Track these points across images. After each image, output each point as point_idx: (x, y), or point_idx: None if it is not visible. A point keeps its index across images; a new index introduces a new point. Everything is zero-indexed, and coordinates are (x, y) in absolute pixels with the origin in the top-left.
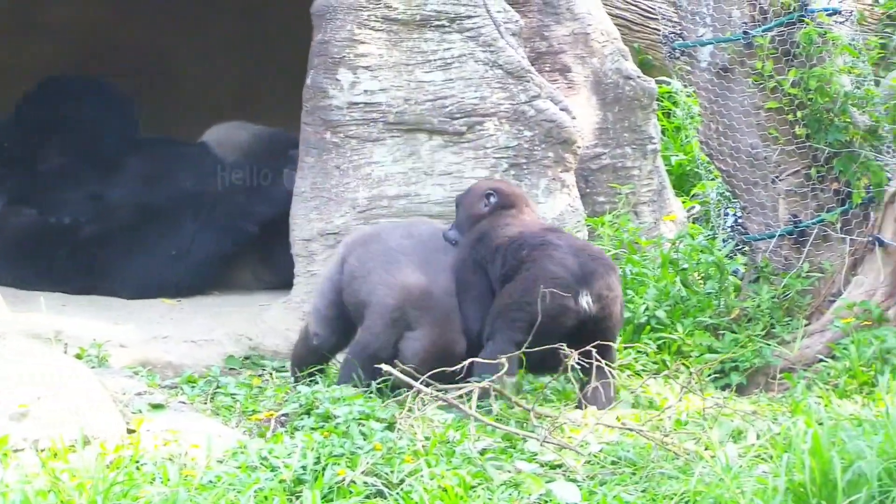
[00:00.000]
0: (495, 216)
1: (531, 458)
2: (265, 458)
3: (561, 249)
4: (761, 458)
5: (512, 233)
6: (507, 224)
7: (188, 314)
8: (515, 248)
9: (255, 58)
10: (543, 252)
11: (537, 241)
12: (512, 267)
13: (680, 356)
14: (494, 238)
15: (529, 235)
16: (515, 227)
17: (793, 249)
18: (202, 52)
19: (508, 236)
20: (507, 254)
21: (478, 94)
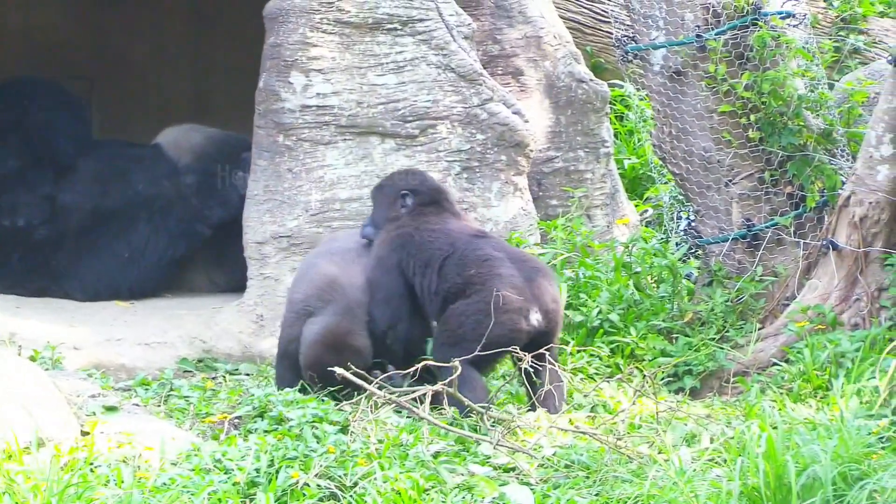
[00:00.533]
0: (415, 217)
1: (485, 461)
2: (219, 460)
3: (505, 266)
4: (715, 462)
5: (442, 244)
6: (433, 230)
7: (142, 317)
8: (457, 265)
9: (208, 60)
10: (490, 271)
11: (479, 257)
12: (456, 286)
13: (633, 360)
14: (422, 247)
15: (466, 248)
16: (443, 234)
17: (746, 253)
18: (155, 55)
19: (440, 249)
20: (447, 270)
21: (430, 97)
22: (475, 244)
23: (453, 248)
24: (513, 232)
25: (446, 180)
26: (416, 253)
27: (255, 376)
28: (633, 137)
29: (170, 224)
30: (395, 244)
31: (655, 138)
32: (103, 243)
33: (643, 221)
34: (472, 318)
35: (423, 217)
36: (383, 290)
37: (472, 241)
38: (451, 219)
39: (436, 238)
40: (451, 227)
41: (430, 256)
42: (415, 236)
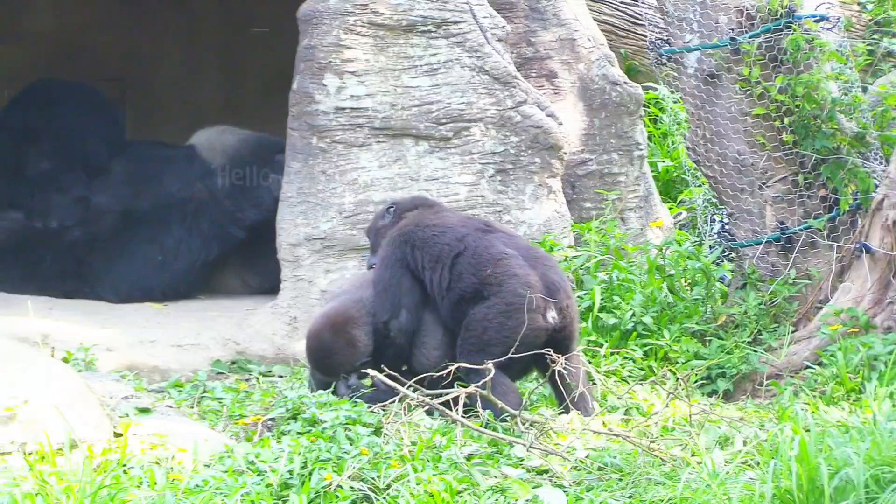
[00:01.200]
0: (410, 217)
1: (518, 463)
2: (252, 462)
3: (520, 263)
4: (748, 465)
5: (450, 239)
6: (435, 224)
7: (175, 318)
8: (471, 264)
9: (240, 62)
10: (507, 271)
11: (494, 256)
12: (472, 286)
13: (667, 362)
14: (428, 242)
15: (478, 245)
16: (447, 228)
17: (780, 256)
18: (187, 56)
19: (448, 244)
20: (460, 268)
21: (464, 99)
22: (487, 241)
23: (464, 245)
24: (547, 234)
25: (480, 183)
26: (422, 247)
27: (288, 378)
28: (667, 140)
29: (203, 226)
30: (397, 241)
31: (689, 141)
32: (135, 246)
33: (677, 224)
34: (494, 323)
35: (419, 215)
36: (382, 283)
37: (482, 238)
38: (446, 213)
39: (441, 232)
40: (452, 221)
41: (439, 252)
42: (417, 232)
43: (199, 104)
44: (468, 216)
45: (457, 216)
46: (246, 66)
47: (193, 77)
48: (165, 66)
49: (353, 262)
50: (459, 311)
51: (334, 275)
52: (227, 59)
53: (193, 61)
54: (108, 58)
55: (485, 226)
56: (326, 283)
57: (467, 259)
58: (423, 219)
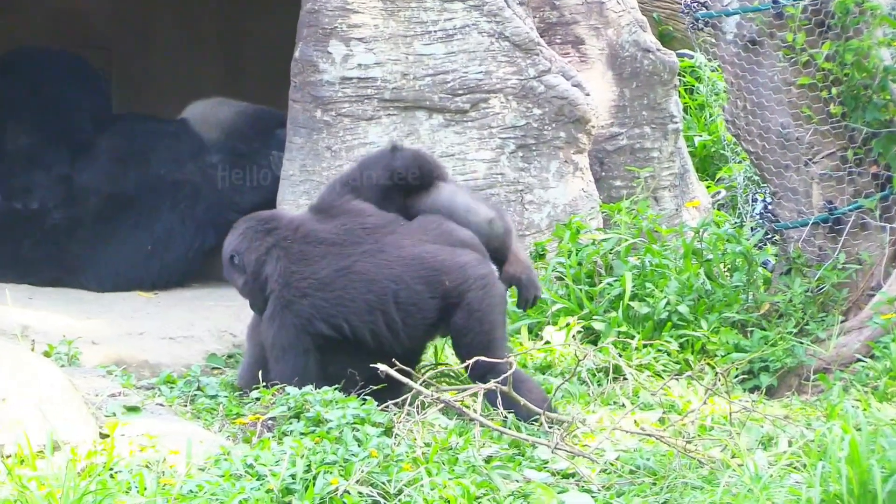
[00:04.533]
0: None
1: (541, 466)
2: (251, 465)
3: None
4: (793, 468)
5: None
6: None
7: (166, 308)
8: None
9: (238, 28)
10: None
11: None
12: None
13: (704, 355)
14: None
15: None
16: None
17: (828, 239)
18: (180, 22)
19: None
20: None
21: (482, 68)
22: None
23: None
24: (573, 216)
25: (499, 159)
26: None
27: None
28: (704, 112)
29: (197, 212)
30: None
31: (728, 113)
32: (123, 232)
33: (715, 204)
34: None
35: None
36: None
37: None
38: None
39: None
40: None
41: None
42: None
43: (194, 74)
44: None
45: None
46: (246, 33)
47: (188, 44)
48: (157, 32)
49: None
50: (428, 336)
51: None
52: (225, 24)
53: (188, 27)
54: (95, 23)
55: (365, 227)
56: None
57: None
58: (288, 267)
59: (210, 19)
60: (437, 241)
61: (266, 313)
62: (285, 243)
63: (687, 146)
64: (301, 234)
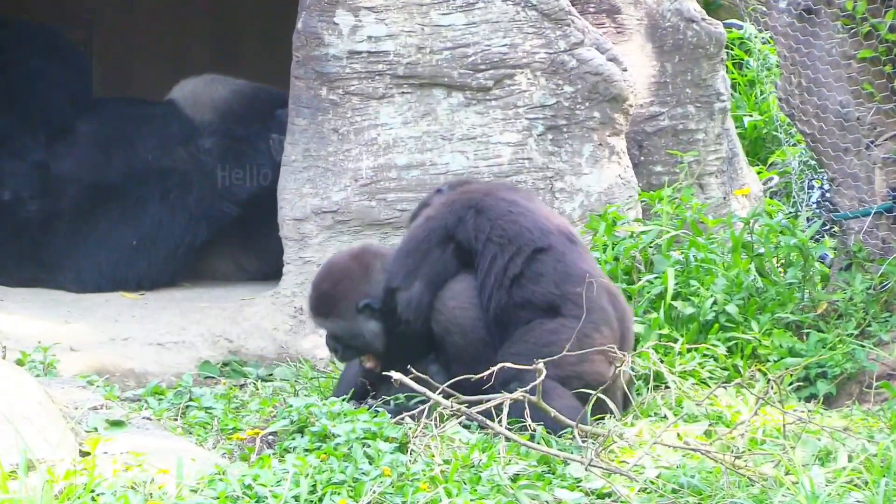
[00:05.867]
0: (472, 188)
1: (574, 485)
2: (249, 486)
3: (605, 298)
4: (854, 485)
5: (533, 228)
6: (510, 200)
7: (154, 311)
8: (557, 271)
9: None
10: (594, 302)
11: (581, 275)
12: (550, 295)
13: (755, 360)
14: (503, 217)
15: (567, 253)
16: (529, 213)
17: (892, 230)
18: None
19: (531, 231)
20: (541, 269)
21: (507, 40)
22: (574, 253)
23: (549, 243)
24: (609, 205)
25: (527, 142)
26: (492, 216)
27: (293, 382)
28: (755, 89)
29: (188, 203)
30: (454, 204)
31: (781, 90)
32: (106, 226)
33: (767, 192)
34: (561, 343)
35: (486, 187)
36: (407, 246)
37: (569, 247)
38: (516, 195)
39: (521, 213)
40: (531, 207)
41: (517, 232)
42: (487, 199)
43: (183, 51)
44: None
45: (528, 202)
46: (241, 2)
47: (177, 16)
48: (142, 3)
49: (371, 240)
50: (515, 313)
51: None
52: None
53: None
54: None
55: (568, 234)
56: None
57: (552, 263)
58: (493, 190)
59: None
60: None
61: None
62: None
63: (735, 127)
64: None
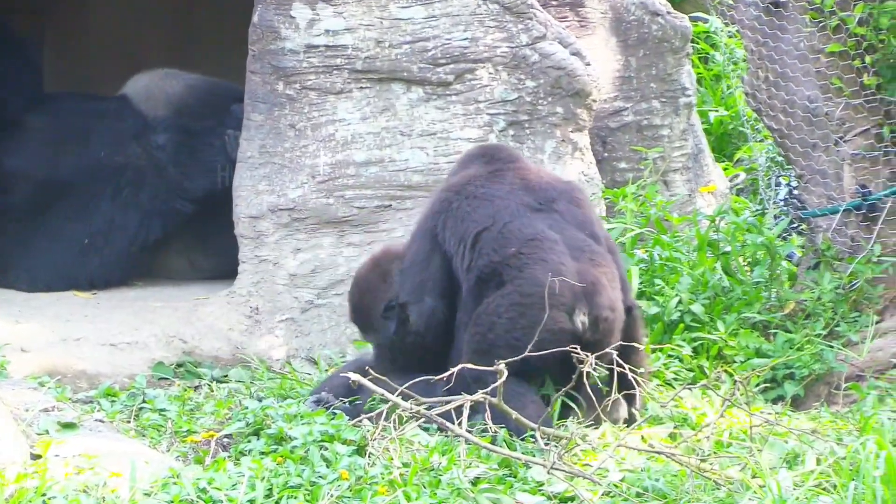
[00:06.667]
0: (466, 173)
1: (536, 488)
2: (204, 489)
3: (556, 248)
4: (822, 488)
5: (481, 216)
6: (479, 192)
7: (106, 310)
8: (496, 240)
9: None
10: (534, 253)
11: (526, 234)
12: (491, 265)
13: (721, 361)
14: (461, 216)
15: (512, 221)
16: (488, 199)
17: (861, 228)
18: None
19: (475, 221)
20: (483, 244)
21: (468, 34)
22: (528, 220)
23: (493, 221)
24: None
25: (488, 138)
26: (455, 218)
27: (248, 384)
28: (721, 84)
29: (141, 200)
30: (434, 206)
31: (748, 85)
32: (57, 224)
33: (733, 189)
34: (504, 318)
35: (474, 174)
36: (410, 257)
37: (525, 216)
38: (507, 174)
39: (477, 206)
40: (502, 191)
41: (464, 230)
42: (455, 199)
43: (138, 44)
44: (540, 182)
45: (514, 183)
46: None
47: (132, 9)
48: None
49: (328, 238)
50: (479, 299)
51: (306, 254)
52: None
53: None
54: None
55: (543, 203)
56: (296, 264)
57: (492, 235)
58: (472, 180)
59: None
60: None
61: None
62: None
63: (701, 123)
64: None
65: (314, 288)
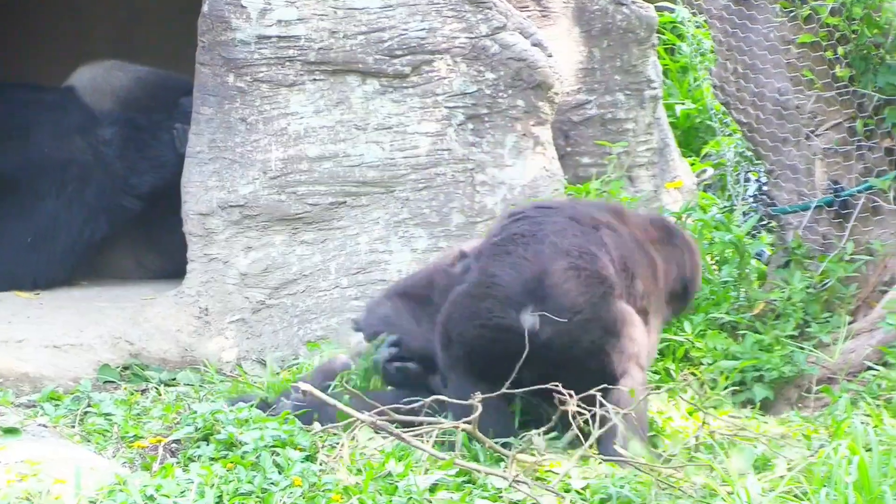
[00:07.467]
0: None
1: (496, 496)
2: (151, 496)
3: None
4: (793, 495)
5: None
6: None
7: (50, 311)
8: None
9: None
10: (492, 251)
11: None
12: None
13: (688, 363)
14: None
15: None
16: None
17: (833, 225)
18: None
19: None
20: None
21: (425, 24)
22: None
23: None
24: (533, 199)
25: (446, 132)
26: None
27: (197, 387)
28: (688, 76)
29: (87, 196)
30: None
31: (716, 77)
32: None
33: (701, 185)
34: (458, 310)
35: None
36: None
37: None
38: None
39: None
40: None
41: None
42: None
43: (84, 35)
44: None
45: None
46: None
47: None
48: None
49: (281, 236)
50: None
51: (257, 253)
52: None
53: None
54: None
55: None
56: (247, 263)
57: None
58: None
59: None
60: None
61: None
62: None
63: (667, 116)
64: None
65: (266, 288)
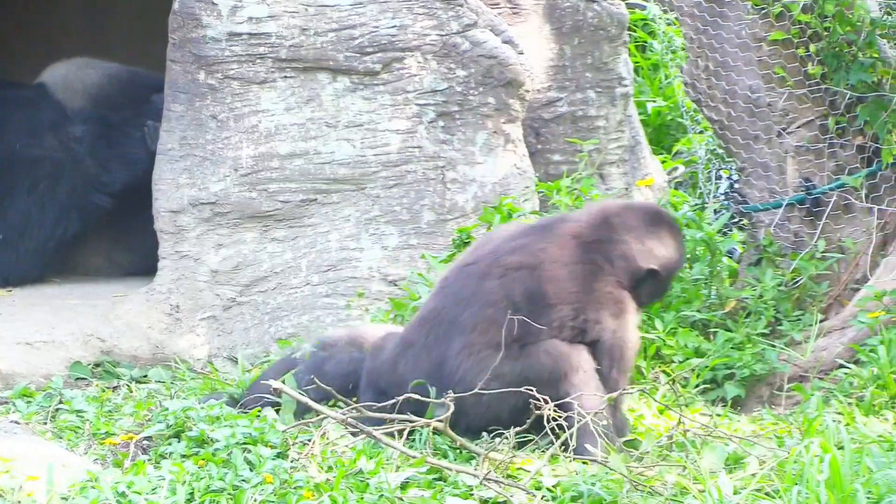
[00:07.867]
0: None
1: (467, 493)
2: (123, 493)
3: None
4: (764, 493)
5: None
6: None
7: (22, 308)
8: None
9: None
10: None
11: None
12: None
13: (659, 361)
14: None
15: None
16: None
17: (805, 223)
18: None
19: None
20: None
21: (396, 21)
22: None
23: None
24: (504, 197)
25: (416, 130)
26: None
27: (169, 384)
28: (659, 73)
29: (58, 194)
30: None
31: (688, 75)
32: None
33: (672, 182)
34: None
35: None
36: None
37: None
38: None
39: None
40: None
41: None
42: None
43: (54, 30)
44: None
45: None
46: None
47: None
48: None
49: (251, 233)
50: None
51: (228, 250)
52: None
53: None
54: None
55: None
56: (218, 260)
57: None
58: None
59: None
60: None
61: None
62: None
63: (639, 114)
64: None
65: (237, 285)
